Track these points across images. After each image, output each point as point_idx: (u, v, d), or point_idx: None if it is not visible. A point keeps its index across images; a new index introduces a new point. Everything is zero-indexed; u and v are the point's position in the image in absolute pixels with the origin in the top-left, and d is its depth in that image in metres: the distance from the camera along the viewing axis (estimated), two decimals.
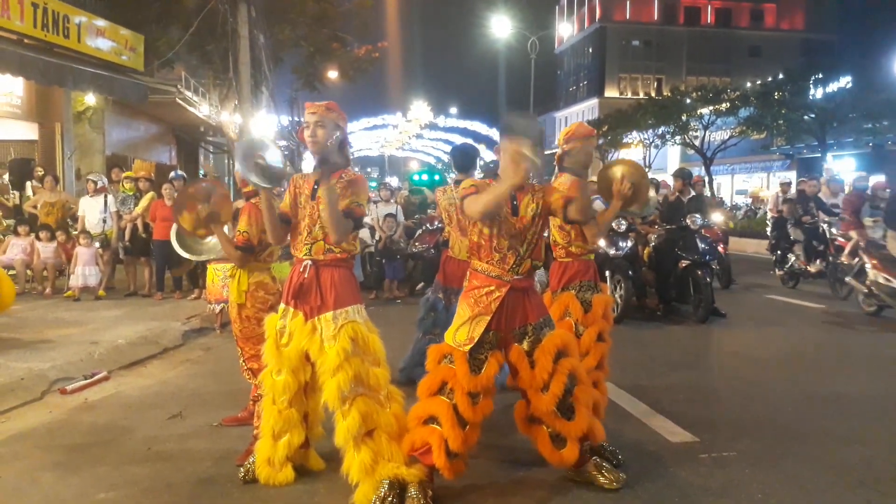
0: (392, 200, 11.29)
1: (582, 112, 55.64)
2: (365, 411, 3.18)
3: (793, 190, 12.92)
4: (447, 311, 5.26)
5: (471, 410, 3.17)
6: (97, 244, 9.17)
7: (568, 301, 4.07)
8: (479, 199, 3.15)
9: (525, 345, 3.27)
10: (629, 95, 53.29)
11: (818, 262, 10.12)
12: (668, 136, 32.62)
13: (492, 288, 3.24)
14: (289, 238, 3.45)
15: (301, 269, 3.31)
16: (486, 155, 51.40)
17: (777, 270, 10.93)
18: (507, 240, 3.25)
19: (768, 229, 14.13)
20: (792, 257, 10.59)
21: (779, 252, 11.02)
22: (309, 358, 3.33)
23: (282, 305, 3.41)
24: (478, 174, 5.67)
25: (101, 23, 12.28)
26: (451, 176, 5.34)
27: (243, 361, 4.13)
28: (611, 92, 56.76)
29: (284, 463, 3.44)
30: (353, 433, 3.16)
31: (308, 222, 3.31)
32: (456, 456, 3.16)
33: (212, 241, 4.50)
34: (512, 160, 3.00)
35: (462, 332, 3.22)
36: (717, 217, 10.49)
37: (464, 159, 5.38)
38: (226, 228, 4.01)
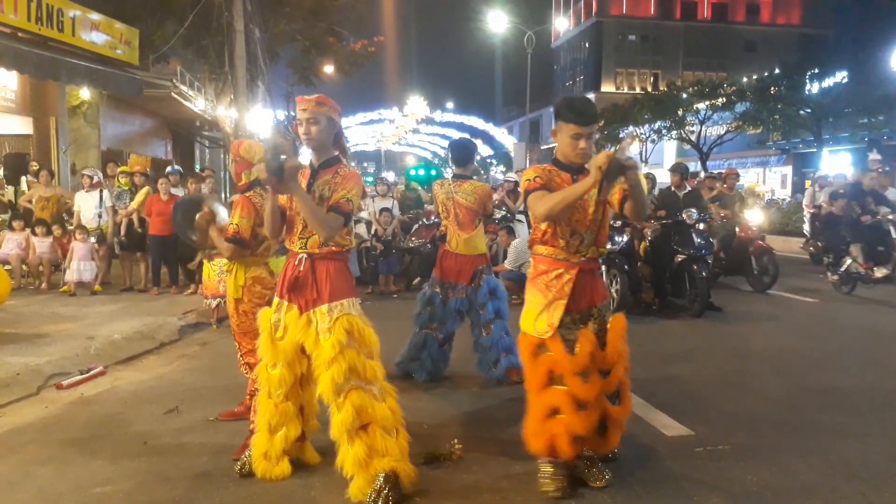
0: (388, 195, 11.29)
1: None
2: (359, 404, 3.16)
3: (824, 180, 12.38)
4: (444, 305, 5.28)
5: (585, 389, 3.11)
6: (93, 239, 9.15)
7: None
8: (550, 199, 3.07)
9: (591, 326, 3.25)
10: (626, 90, 53.30)
11: (883, 265, 8.88)
12: (664, 131, 32.65)
13: (560, 271, 3.22)
14: (284, 232, 3.43)
15: (296, 263, 3.29)
16: (483, 150, 51.18)
17: (830, 275, 9.56)
18: (571, 226, 3.21)
19: (805, 226, 13.62)
20: (848, 260, 9.23)
21: (831, 254, 9.72)
22: (304, 351, 3.32)
23: (276, 299, 3.40)
24: (473, 169, 5.69)
25: (95, 16, 12.21)
26: (449, 170, 5.39)
27: (241, 356, 4.14)
28: (607, 87, 56.74)
29: (281, 457, 3.44)
30: (347, 426, 3.15)
31: (303, 215, 3.27)
32: (578, 440, 3.15)
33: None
34: (594, 162, 2.92)
35: (541, 321, 3.19)
36: (754, 215, 9.95)
37: (462, 154, 5.40)
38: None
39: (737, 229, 9.69)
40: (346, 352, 3.18)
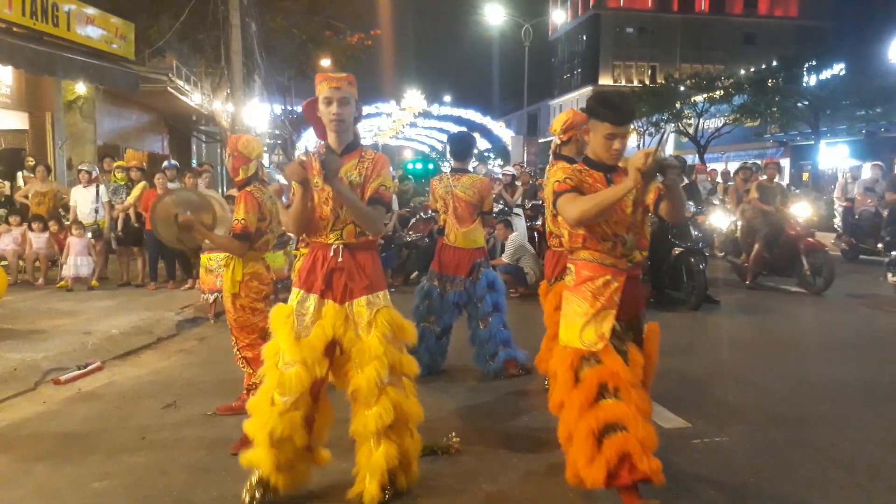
0: None
1: (576, 100, 55.51)
2: (396, 400, 3.05)
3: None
4: (442, 299, 5.28)
5: (645, 401, 2.86)
6: (89, 234, 9.13)
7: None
8: (583, 202, 2.84)
9: (630, 335, 3.02)
10: (623, 83, 53.23)
11: None
12: (662, 124, 32.63)
13: (608, 278, 2.95)
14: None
15: (332, 254, 3.10)
16: (480, 144, 51.00)
17: (891, 276, 8.70)
18: (610, 228, 2.95)
19: (836, 220, 12.81)
20: None
21: (893, 253, 8.76)
22: (335, 348, 3.13)
23: (298, 292, 3.16)
24: (473, 163, 5.70)
25: (90, 11, 12.15)
26: (446, 164, 5.43)
27: (237, 350, 4.13)
28: (605, 80, 56.64)
29: (293, 463, 3.14)
30: (383, 423, 3.01)
31: (334, 205, 3.08)
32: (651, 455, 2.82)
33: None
34: (633, 162, 2.69)
35: (589, 332, 2.90)
36: (801, 209, 9.15)
37: (460, 147, 5.40)
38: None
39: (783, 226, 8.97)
40: (390, 347, 3.07)
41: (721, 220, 10.63)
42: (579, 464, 2.82)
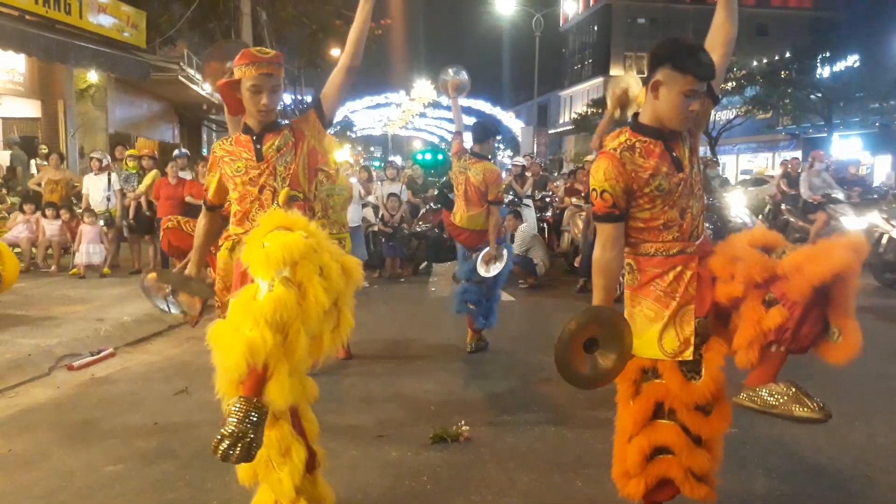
0: (397, 179, 11.28)
1: (587, 91, 55.20)
2: None
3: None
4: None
5: (706, 426, 2.49)
6: (101, 222, 9.19)
7: None
8: (600, 272, 2.48)
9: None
10: (635, 74, 52.79)
11: None
12: None
13: (679, 269, 2.47)
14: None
15: None
16: None
17: None
18: (677, 206, 2.48)
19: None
20: None
21: None
22: None
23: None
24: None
25: None
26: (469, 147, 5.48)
27: None
28: (616, 70, 56.20)
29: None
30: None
31: (268, 180, 2.78)
32: (701, 479, 2.52)
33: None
34: None
35: (669, 339, 2.44)
36: (872, 217, 8.53)
37: (479, 130, 5.52)
38: None
39: None
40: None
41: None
42: (621, 475, 2.62)
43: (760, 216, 9.98)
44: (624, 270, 2.58)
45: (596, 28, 59.30)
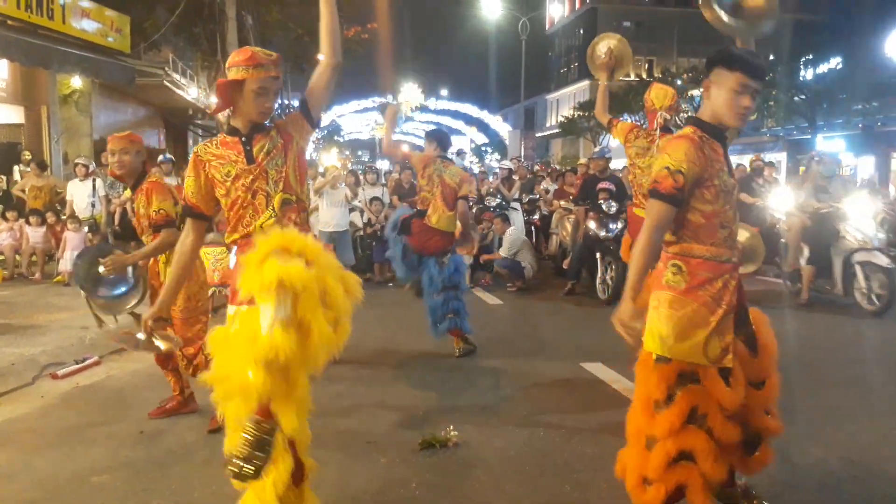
0: (378, 183, 11.27)
1: (574, 94, 55.43)
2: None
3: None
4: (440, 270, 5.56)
5: (729, 432, 2.51)
6: (86, 229, 9.11)
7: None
8: (636, 258, 2.48)
9: (741, 332, 2.61)
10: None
11: None
12: None
13: (727, 277, 2.50)
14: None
15: None
16: (478, 138, 50.71)
17: None
18: (731, 209, 2.54)
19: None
20: None
21: None
22: None
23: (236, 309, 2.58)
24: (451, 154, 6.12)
25: (85, 3, 12.13)
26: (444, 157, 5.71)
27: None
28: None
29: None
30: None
31: (260, 184, 2.65)
32: (648, 481, 2.58)
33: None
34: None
35: (714, 344, 2.43)
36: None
37: (445, 139, 5.91)
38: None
39: None
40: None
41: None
42: (636, 479, 2.59)
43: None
44: (669, 271, 2.53)
45: (582, 31, 59.55)
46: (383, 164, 23.93)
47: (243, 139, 2.68)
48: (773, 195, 9.15)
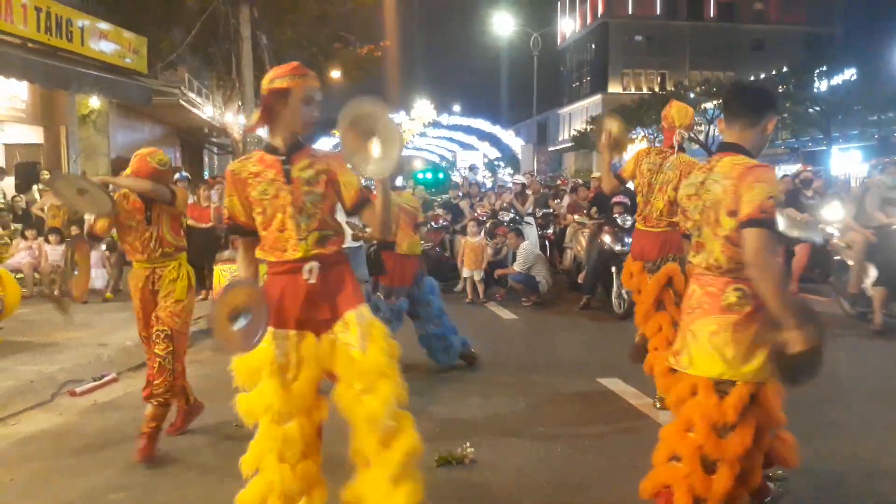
0: None
1: (586, 108, 55.49)
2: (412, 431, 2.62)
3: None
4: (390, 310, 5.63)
5: (718, 446, 2.49)
6: (104, 246, 9.20)
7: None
8: (772, 272, 2.43)
9: None
10: (633, 91, 53.11)
11: None
12: None
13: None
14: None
15: (305, 276, 2.57)
16: (490, 152, 50.75)
17: None
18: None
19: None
20: None
21: None
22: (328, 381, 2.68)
23: (273, 330, 2.58)
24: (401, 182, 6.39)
25: (104, 26, 12.33)
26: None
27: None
28: (614, 87, 56.58)
29: None
30: (413, 457, 2.64)
31: (293, 211, 2.56)
32: (703, 501, 2.52)
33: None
34: None
35: (768, 361, 2.48)
36: None
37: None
38: None
39: None
40: (393, 362, 2.61)
41: None
42: (687, 501, 2.54)
43: None
44: (732, 295, 2.52)
45: (593, 46, 59.76)
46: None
47: (283, 158, 2.61)
48: (825, 209, 8.19)
